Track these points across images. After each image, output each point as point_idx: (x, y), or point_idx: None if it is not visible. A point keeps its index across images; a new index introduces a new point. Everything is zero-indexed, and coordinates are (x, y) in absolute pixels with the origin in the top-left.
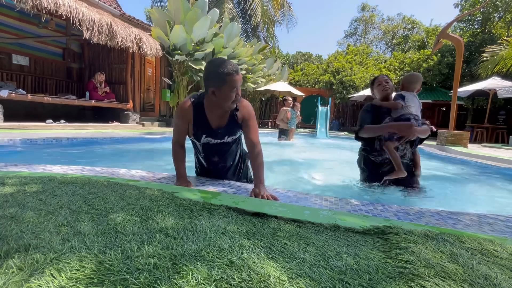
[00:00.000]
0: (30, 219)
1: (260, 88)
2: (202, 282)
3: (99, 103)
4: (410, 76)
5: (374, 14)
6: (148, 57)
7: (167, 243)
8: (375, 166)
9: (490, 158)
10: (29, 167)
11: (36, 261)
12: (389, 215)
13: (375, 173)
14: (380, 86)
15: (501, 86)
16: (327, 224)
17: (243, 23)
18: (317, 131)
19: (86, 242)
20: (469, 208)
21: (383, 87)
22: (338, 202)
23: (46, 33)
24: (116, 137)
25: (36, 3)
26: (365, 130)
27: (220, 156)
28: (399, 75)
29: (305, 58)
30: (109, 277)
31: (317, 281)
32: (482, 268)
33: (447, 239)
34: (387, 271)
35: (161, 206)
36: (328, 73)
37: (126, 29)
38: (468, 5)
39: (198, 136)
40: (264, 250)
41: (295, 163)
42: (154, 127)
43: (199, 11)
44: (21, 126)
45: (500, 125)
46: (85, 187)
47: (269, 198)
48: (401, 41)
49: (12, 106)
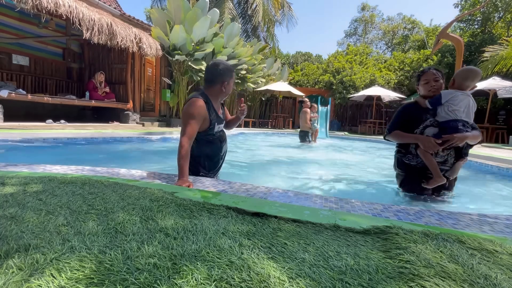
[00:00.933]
0: (30, 219)
1: (260, 88)
2: (202, 282)
3: (99, 103)
4: (466, 72)
5: (374, 14)
6: (148, 57)
7: (167, 243)
8: (411, 169)
9: (490, 158)
10: (29, 167)
11: (36, 261)
12: (389, 215)
13: (412, 177)
14: (427, 85)
15: (501, 86)
16: (327, 224)
17: (243, 23)
18: None
19: (86, 242)
20: (469, 208)
21: (431, 87)
22: (338, 202)
23: (46, 33)
24: (116, 137)
25: (36, 3)
26: (392, 136)
27: (226, 140)
28: (399, 75)
29: (305, 58)
30: (109, 277)
31: (317, 281)
32: (482, 268)
33: (447, 239)
34: (387, 271)
35: (161, 206)
36: (328, 73)
37: (126, 29)
38: (468, 5)
39: (213, 126)
40: (264, 250)
41: (343, 165)
42: (154, 127)
43: (199, 11)
44: (21, 126)
45: (500, 125)
46: (85, 187)
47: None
48: (401, 41)
49: (12, 106)
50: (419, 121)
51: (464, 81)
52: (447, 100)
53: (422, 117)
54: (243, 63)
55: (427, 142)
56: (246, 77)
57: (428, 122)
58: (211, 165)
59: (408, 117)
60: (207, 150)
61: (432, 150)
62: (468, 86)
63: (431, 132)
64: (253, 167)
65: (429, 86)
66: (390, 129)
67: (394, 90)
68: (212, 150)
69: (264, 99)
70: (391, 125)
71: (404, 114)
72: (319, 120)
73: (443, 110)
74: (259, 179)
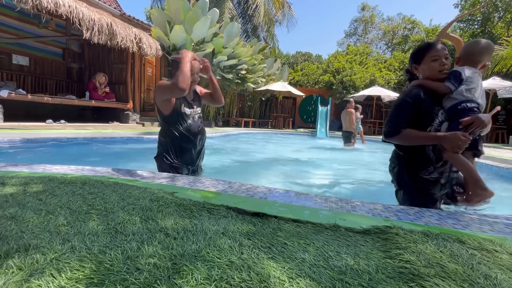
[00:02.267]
0: (30, 219)
1: (260, 88)
2: (202, 282)
3: (99, 103)
4: (474, 44)
5: (374, 14)
6: (148, 57)
7: (167, 243)
8: (423, 184)
9: (490, 158)
10: (29, 167)
11: (36, 261)
12: (389, 215)
13: (424, 194)
14: (436, 63)
15: (501, 86)
16: (327, 224)
17: (243, 23)
18: (317, 131)
19: (86, 242)
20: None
21: (442, 66)
22: (338, 202)
23: (46, 33)
24: (116, 137)
25: (36, 3)
26: (401, 137)
27: (201, 133)
28: (399, 75)
29: (305, 58)
30: (109, 277)
31: (317, 281)
32: (482, 268)
33: (447, 239)
34: (387, 271)
35: (161, 206)
36: (328, 73)
37: (126, 29)
38: (468, 5)
39: (179, 107)
40: (264, 250)
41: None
42: (154, 127)
43: (199, 11)
44: (21, 126)
45: (500, 125)
46: (85, 187)
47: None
48: (401, 41)
49: (12, 106)
50: (431, 114)
51: (474, 56)
52: (466, 77)
53: (433, 108)
54: (243, 63)
55: (455, 140)
56: (246, 77)
57: (441, 116)
58: (181, 155)
59: (419, 108)
60: (178, 139)
61: (461, 150)
62: (480, 62)
63: (445, 128)
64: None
65: (439, 64)
66: (396, 128)
67: (394, 90)
68: (183, 138)
69: (264, 99)
70: (396, 122)
71: (413, 104)
72: (319, 120)
73: (463, 90)
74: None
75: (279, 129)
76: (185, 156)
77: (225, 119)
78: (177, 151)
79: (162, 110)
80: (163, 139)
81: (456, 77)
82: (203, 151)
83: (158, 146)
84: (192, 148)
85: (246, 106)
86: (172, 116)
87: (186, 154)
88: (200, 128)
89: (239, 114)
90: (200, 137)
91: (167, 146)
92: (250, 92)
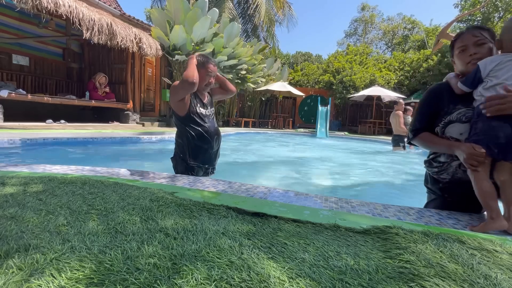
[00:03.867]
0: (30, 219)
1: (260, 88)
2: (202, 282)
3: (99, 103)
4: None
5: (374, 14)
6: (148, 57)
7: (167, 243)
8: (441, 191)
9: None
10: (29, 167)
11: (36, 261)
12: (389, 215)
13: (445, 203)
14: (464, 54)
15: None
16: (327, 224)
17: (243, 23)
18: (317, 131)
19: (86, 242)
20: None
21: (470, 57)
22: (338, 202)
23: (46, 33)
24: (116, 137)
25: (36, 3)
26: (418, 141)
27: (217, 134)
28: (399, 75)
29: (305, 58)
30: (109, 277)
31: (317, 281)
32: (482, 268)
33: (447, 239)
34: (387, 271)
35: (161, 206)
36: (328, 73)
37: (126, 29)
38: (468, 5)
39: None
40: (264, 250)
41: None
42: (154, 127)
43: (199, 11)
44: (21, 126)
45: None
46: (85, 187)
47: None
48: (401, 41)
49: (12, 106)
50: (441, 112)
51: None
52: (488, 72)
53: (447, 106)
54: (243, 63)
55: (468, 151)
56: (246, 77)
57: (455, 116)
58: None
59: (437, 108)
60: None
61: (476, 165)
62: None
63: (455, 131)
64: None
65: (467, 56)
66: (413, 130)
67: (394, 90)
68: (200, 138)
69: (264, 99)
70: (414, 123)
71: (431, 103)
72: (319, 120)
73: (480, 89)
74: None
75: (279, 129)
76: (202, 157)
77: (225, 119)
78: (194, 151)
79: (177, 111)
80: (179, 140)
81: (471, 76)
82: (219, 151)
83: (175, 147)
84: (209, 149)
85: (246, 106)
86: (188, 117)
87: (203, 155)
88: (217, 128)
89: (239, 114)
90: (216, 137)
91: (184, 147)
92: (250, 92)
